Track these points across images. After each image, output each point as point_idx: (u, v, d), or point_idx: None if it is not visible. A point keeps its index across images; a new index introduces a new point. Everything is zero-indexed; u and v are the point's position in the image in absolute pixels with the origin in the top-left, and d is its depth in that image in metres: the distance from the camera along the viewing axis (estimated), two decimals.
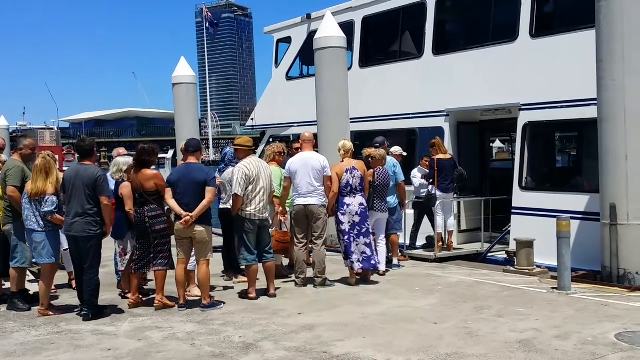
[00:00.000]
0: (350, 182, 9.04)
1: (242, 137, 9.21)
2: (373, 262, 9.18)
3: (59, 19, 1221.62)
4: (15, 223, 7.97)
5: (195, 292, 8.45)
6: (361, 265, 9.08)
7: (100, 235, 7.63)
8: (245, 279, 8.73)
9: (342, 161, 9.26)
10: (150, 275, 8.41)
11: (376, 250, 9.45)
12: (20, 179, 7.89)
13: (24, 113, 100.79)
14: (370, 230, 9.28)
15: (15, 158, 8.25)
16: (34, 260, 7.80)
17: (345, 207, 9.05)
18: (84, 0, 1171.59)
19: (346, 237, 9.08)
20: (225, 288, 9.09)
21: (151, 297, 8.24)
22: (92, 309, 7.56)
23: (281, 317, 7.45)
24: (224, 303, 8.07)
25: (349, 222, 9.05)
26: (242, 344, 6.42)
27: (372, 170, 9.70)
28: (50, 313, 7.68)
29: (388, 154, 10.77)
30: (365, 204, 9.15)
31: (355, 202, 9.05)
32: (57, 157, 8.79)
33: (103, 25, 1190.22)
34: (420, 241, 12.45)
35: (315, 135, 10.69)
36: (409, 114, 14.32)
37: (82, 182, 7.47)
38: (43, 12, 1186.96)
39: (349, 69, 14.14)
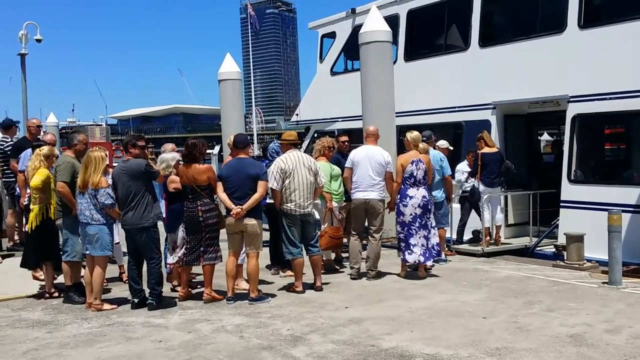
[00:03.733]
0: (414, 174, 9.00)
1: (287, 131, 9.28)
2: (431, 254, 9.13)
3: (106, 17, 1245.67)
4: (65, 217, 8.16)
5: (243, 285, 8.53)
6: (421, 258, 9.03)
7: (154, 225, 7.82)
8: (292, 273, 8.80)
9: (410, 152, 9.22)
10: (198, 268, 8.52)
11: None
12: (70, 174, 8.03)
13: (72, 110, 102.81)
14: (433, 224, 9.21)
15: (67, 154, 8.43)
16: (87, 252, 7.94)
17: (408, 199, 9.01)
18: None
19: (405, 228, 9.06)
20: (273, 282, 9.16)
21: (200, 290, 8.37)
22: (156, 298, 7.77)
23: (328, 310, 7.49)
24: (272, 296, 8.16)
25: (411, 214, 9.00)
26: (290, 336, 6.48)
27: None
28: (107, 307, 7.82)
29: (434, 148, 10.72)
30: (428, 197, 9.09)
31: (418, 195, 9.00)
32: (107, 152, 8.95)
33: (149, 23, 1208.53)
34: (467, 235, 12.35)
35: (361, 130, 10.68)
36: (455, 107, 14.21)
37: (131, 175, 7.68)
38: (91, 10, 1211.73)
39: (394, 62, 14.08)
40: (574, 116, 11.89)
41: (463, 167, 12.31)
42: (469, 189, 11.98)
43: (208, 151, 17.28)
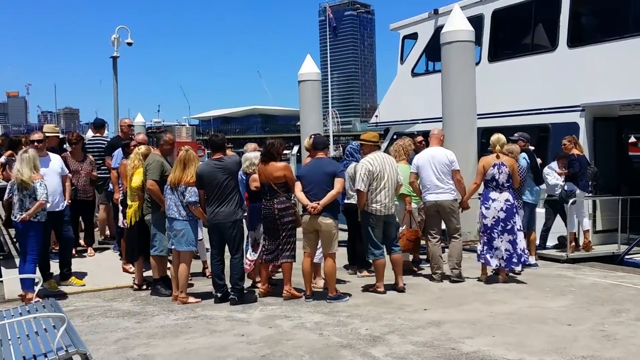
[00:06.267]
0: (496, 177, 8.83)
1: (368, 132, 9.24)
2: (514, 260, 8.86)
3: (191, 21, 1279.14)
4: (154, 214, 8.42)
5: (320, 284, 8.59)
6: (504, 263, 8.85)
7: (242, 220, 8.02)
8: (369, 274, 8.77)
9: (493, 155, 9.03)
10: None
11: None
12: (159, 173, 8.29)
13: (158, 111, 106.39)
14: (517, 228, 8.93)
15: (156, 153, 8.72)
16: (172, 247, 8.16)
17: (490, 201, 8.86)
18: (213, 3, 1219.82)
19: (487, 232, 8.89)
20: (350, 281, 9.17)
21: (279, 287, 8.47)
22: (239, 293, 7.95)
23: (407, 312, 7.45)
24: (350, 296, 8.17)
25: (494, 217, 8.82)
26: (368, 336, 6.48)
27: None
28: (191, 300, 8.04)
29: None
30: (513, 200, 8.89)
31: (501, 198, 8.81)
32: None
33: (231, 27, 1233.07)
34: (551, 241, 12.00)
35: None
36: (540, 109, 13.86)
37: (228, 172, 7.88)
38: (175, 15, 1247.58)
39: (477, 63, 13.85)
40: None
41: (552, 171, 11.88)
42: (557, 192, 11.62)
43: (286, 152, 17.51)
